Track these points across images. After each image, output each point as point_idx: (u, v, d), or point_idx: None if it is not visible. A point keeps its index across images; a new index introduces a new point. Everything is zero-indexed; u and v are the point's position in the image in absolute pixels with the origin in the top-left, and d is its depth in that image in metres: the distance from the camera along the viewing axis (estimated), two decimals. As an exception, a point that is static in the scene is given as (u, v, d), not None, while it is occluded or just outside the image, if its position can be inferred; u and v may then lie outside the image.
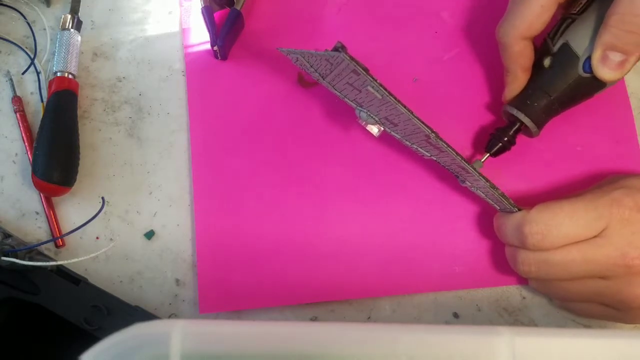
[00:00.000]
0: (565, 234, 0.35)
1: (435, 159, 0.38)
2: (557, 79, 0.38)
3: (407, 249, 0.42)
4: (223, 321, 0.30)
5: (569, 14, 0.38)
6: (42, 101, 0.44)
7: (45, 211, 0.43)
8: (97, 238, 0.43)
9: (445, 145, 0.35)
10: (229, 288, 0.41)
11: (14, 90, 0.45)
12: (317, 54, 0.34)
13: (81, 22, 0.45)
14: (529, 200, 0.39)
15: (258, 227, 0.42)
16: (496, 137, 0.40)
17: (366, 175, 0.43)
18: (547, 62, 0.38)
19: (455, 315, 0.41)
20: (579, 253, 0.35)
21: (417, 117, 0.34)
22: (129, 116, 0.45)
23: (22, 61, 0.46)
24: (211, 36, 0.43)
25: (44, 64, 0.45)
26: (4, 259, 0.36)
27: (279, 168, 0.43)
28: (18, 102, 0.44)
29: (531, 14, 0.37)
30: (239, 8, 0.43)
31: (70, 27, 0.44)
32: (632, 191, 0.35)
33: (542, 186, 0.42)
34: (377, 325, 0.33)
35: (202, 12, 0.44)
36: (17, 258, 0.36)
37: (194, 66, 0.45)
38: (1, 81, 0.45)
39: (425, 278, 0.41)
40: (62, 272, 0.38)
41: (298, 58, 0.38)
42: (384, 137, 0.40)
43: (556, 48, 0.38)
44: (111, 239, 0.43)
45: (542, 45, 0.39)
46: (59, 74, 0.43)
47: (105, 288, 0.38)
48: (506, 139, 0.39)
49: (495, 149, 0.39)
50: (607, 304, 0.37)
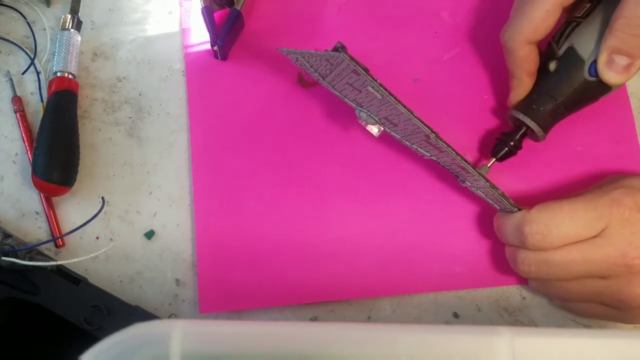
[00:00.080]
0: (565, 233, 0.35)
1: (435, 159, 0.38)
2: (562, 83, 0.37)
3: (407, 249, 0.42)
4: (223, 321, 0.30)
5: (573, 17, 0.38)
6: (42, 101, 0.44)
7: (45, 211, 0.43)
8: (97, 238, 0.43)
9: (445, 145, 0.35)
10: (229, 288, 0.41)
11: (14, 90, 0.45)
12: (317, 54, 0.34)
13: (81, 22, 0.45)
14: (529, 200, 0.39)
15: (258, 227, 0.42)
16: (502, 142, 0.39)
17: (366, 175, 0.43)
18: (552, 66, 0.38)
19: (455, 315, 0.41)
20: (579, 253, 0.35)
21: (417, 117, 0.34)
22: (129, 116, 0.45)
23: (22, 61, 0.46)
24: (211, 36, 0.43)
25: (44, 64, 0.45)
26: (4, 259, 0.36)
27: (279, 168, 0.43)
28: (18, 102, 0.44)
29: (536, 18, 0.36)
30: (239, 8, 0.43)
31: (70, 27, 0.44)
32: (632, 191, 0.35)
33: (542, 186, 0.42)
34: (377, 325, 0.33)
35: (202, 12, 0.44)
36: (17, 258, 0.36)
37: (194, 66, 0.45)
38: (1, 81, 0.45)
39: (425, 278, 0.41)
40: (62, 272, 0.38)
41: (298, 58, 0.38)
42: (384, 137, 0.40)
43: (561, 52, 0.38)
44: (111, 239, 0.43)
45: (546, 49, 0.39)
46: (59, 74, 0.43)
47: (105, 288, 0.38)
48: (512, 143, 0.39)
49: (502, 153, 0.39)
50: (607, 303, 0.37)
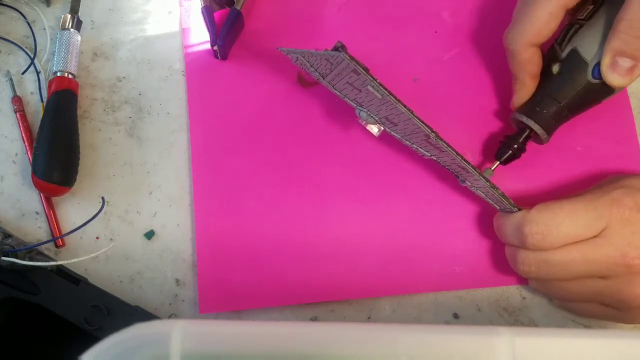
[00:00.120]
0: (565, 233, 0.35)
1: (435, 159, 0.38)
2: (566, 86, 0.37)
3: (407, 249, 0.42)
4: (223, 321, 0.30)
5: (576, 19, 0.38)
6: (42, 101, 0.44)
7: (45, 211, 0.43)
8: (97, 238, 0.43)
9: (445, 145, 0.35)
10: (229, 288, 0.41)
11: (14, 90, 0.45)
12: (317, 53, 0.34)
13: (81, 22, 0.45)
14: (529, 200, 0.39)
15: (258, 227, 0.42)
16: (506, 145, 0.39)
17: (366, 175, 0.43)
18: (555, 68, 0.38)
19: (455, 316, 0.41)
20: (579, 253, 0.35)
21: (417, 117, 0.34)
22: (129, 116, 0.45)
23: (22, 61, 0.46)
24: (211, 36, 0.43)
25: (44, 64, 0.45)
26: (4, 259, 0.36)
27: (279, 168, 0.43)
28: (18, 102, 0.44)
29: (539, 21, 0.36)
30: (239, 8, 0.43)
31: (70, 27, 0.44)
32: (632, 191, 0.35)
33: (542, 186, 0.42)
34: (377, 325, 0.33)
35: (202, 12, 0.44)
36: (17, 258, 0.36)
37: (194, 66, 0.45)
38: (1, 81, 0.45)
39: (425, 278, 0.41)
40: (62, 272, 0.38)
41: (298, 57, 0.38)
42: (384, 137, 0.40)
43: (564, 54, 0.38)
44: (111, 239, 0.43)
45: (549, 51, 0.39)
46: (59, 73, 0.43)
47: (105, 288, 0.38)
48: (516, 146, 0.39)
49: (506, 156, 0.39)
50: (607, 303, 0.37)
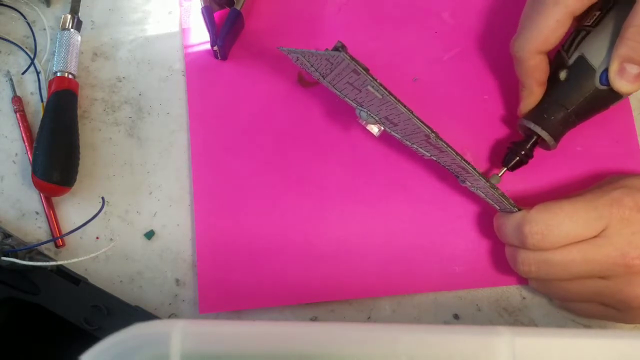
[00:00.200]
0: (566, 233, 0.35)
1: (435, 159, 0.38)
2: (573, 92, 0.37)
3: (407, 249, 0.42)
4: (223, 321, 0.30)
5: (583, 26, 0.38)
6: (42, 101, 0.44)
7: (45, 211, 0.43)
8: (97, 238, 0.43)
9: (445, 145, 0.35)
10: (229, 288, 0.41)
11: (14, 90, 0.45)
12: (317, 53, 0.34)
13: (81, 22, 0.45)
14: (529, 200, 0.39)
15: (258, 227, 0.42)
16: (513, 151, 0.39)
17: (366, 175, 0.43)
18: (563, 75, 0.38)
19: (456, 316, 0.41)
20: (579, 253, 0.35)
21: (417, 117, 0.34)
22: (129, 116, 0.45)
23: (22, 61, 0.46)
24: (211, 36, 0.43)
25: (44, 64, 0.45)
26: (4, 259, 0.36)
27: (279, 168, 0.43)
28: (18, 102, 0.44)
29: (546, 28, 0.36)
30: (239, 8, 0.43)
31: (70, 27, 0.44)
32: (632, 191, 0.35)
33: (542, 186, 0.42)
34: (377, 325, 0.33)
35: (202, 12, 0.44)
36: (17, 258, 0.36)
37: (194, 66, 0.45)
38: (1, 81, 0.45)
39: (425, 278, 0.41)
40: (62, 272, 0.38)
41: (298, 57, 0.38)
42: (384, 137, 0.40)
43: (572, 61, 0.38)
44: (111, 239, 0.43)
45: (556, 58, 0.39)
46: (59, 73, 0.43)
47: (105, 288, 0.38)
48: (523, 152, 0.39)
49: (513, 163, 0.39)
50: (607, 303, 0.37)
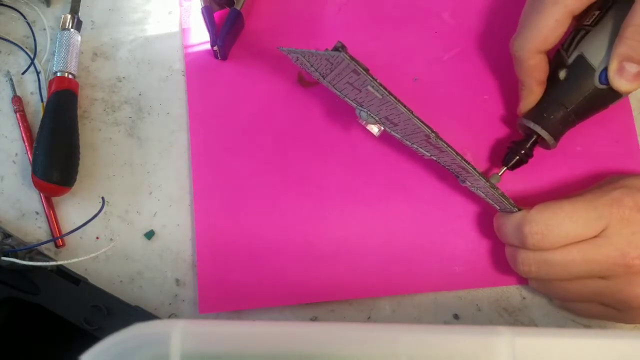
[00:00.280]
0: (566, 233, 0.35)
1: (435, 159, 0.38)
2: (573, 91, 0.37)
3: (407, 249, 0.42)
4: (223, 321, 0.30)
5: (582, 25, 0.38)
6: (42, 101, 0.44)
7: (45, 211, 0.43)
8: (97, 238, 0.43)
9: (445, 145, 0.35)
10: (229, 288, 0.41)
11: (14, 90, 0.45)
12: (317, 53, 0.34)
13: (81, 22, 0.45)
14: (529, 200, 0.39)
15: (258, 227, 0.42)
16: (513, 151, 0.39)
17: (366, 175, 0.43)
18: (562, 74, 0.38)
19: (456, 316, 0.41)
20: (579, 253, 0.35)
21: (417, 117, 0.34)
22: (129, 116, 0.45)
23: (22, 61, 0.46)
24: (211, 36, 0.43)
25: (44, 64, 0.45)
26: (4, 259, 0.36)
27: (279, 168, 0.43)
28: (18, 102, 0.44)
29: (546, 28, 0.36)
30: (239, 8, 0.43)
31: (70, 27, 0.44)
32: (632, 191, 0.35)
33: (542, 186, 0.42)
34: (377, 325, 0.33)
35: (202, 12, 0.44)
36: (17, 258, 0.36)
37: (194, 66, 0.45)
38: (1, 81, 0.45)
39: (425, 278, 0.41)
40: (62, 272, 0.38)
41: (298, 57, 0.38)
42: (384, 137, 0.40)
43: (571, 60, 0.38)
44: (111, 239, 0.43)
45: (555, 57, 0.39)
46: (59, 73, 0.43)
47: (105, 288, 0.38)
48: (523, 152, 0.39)
49: (513, 162, 0.39)
50: (607, 303, 0.37)
